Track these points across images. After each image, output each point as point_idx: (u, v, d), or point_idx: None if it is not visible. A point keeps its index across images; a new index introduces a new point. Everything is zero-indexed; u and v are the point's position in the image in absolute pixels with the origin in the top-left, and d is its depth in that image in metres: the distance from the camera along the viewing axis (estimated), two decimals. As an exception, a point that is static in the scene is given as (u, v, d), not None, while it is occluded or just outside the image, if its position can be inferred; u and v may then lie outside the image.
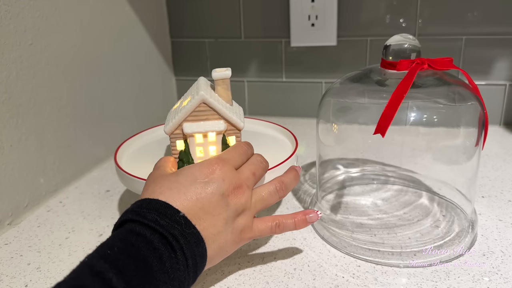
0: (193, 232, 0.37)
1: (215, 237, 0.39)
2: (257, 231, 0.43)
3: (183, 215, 0.37)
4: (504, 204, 0.58)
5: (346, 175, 0.65)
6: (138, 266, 0.32)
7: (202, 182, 0.39)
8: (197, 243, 0.37)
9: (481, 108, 0.49)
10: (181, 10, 0.94)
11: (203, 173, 0.40)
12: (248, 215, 0.42)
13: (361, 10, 0.85)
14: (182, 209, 0.37)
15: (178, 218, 0.36)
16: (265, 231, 0.44)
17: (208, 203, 0.39)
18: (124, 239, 0.34)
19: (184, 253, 0.35)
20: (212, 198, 0.39)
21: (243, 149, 0.46)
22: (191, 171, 0.40)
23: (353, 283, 0.44)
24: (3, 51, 0.54)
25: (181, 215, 0.37)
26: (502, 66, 0.82)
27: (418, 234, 0.51)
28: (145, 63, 0.89)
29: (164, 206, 0.37)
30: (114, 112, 0.79)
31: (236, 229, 0.41)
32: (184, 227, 0.36)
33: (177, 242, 0.35)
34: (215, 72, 0.49)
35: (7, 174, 0.56)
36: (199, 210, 0.38)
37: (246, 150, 0.47)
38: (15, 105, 0.57)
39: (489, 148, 0.76)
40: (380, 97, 0.49)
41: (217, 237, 0.39)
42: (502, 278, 0.43)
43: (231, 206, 0.40)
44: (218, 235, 0.39)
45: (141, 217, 0.35)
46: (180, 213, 0.37)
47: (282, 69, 0.93)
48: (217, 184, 0.40)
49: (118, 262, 0.31)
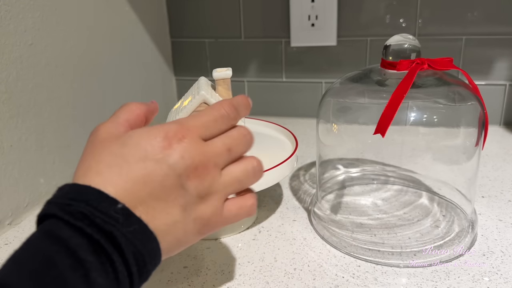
0: (136, 230, 0.28)
1: (170, 229, 0.31)
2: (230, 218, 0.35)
3: (121, 207, 0.28)
4: (504, 204, 0.58)
5: (346, 175, 0.65)
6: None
7: (153, 160, 0.30)
8: (144, 241, 0.28)
9: (481, 108, 0.49)
10: (181, 10, 0.94)
11: (155, 147, 0.30)
12: (215, 200, 0.33)
13: (361, 10, 0.85)
14: (123, 196, 0.28)
15: (114, 213, 0.27)
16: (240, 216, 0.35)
17: (160, 187, 0.30)
18: (38, 252, 0.26)
19: (126, 258, 0.27)
20: (165, 181, 0.30)
21: (221, 113, 0.34)
22: (142, 141, 0.31)
23: (353, 283, 0.44)
24: (3, 51, 0.54)
25: (119, 207, 0.28)
26: (502, 66, 0.82)
27: (418, 234, 0.51)
28: (145, 63, 0.89)
29: (98, 195, 0.28)
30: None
31: (200, 218, 0.33)
32: (124, 224, 0.27)
33: (113, 247, 0.27)
34: (216, 72, 0.49)
35: (7, 174, 0.56)
36: (148, 196, 0.29)
37: (225, 115, 0.35)
38: (15, 105, 0.57)
39: (489, 148, 0.76)
40: (380, 97, 0.49)
41: (172, 228, 0.31)
42: (502, 278, 0.43)
43: (191, 191, 0.31)
44: (174, 225, 0.31)
45: (66, 214, 0.27)
46: (118, 205, 0.28)
47: (282, 69, 0.93)
48: (173, 162, 0.30)
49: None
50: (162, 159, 0.30)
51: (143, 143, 0.31)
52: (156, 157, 0.30)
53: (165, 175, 0.30)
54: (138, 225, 0.28)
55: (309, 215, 0.57)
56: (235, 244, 0.52)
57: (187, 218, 0.32)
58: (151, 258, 0.29)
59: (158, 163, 0.30)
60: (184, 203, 0.31)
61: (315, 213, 0.56)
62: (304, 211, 0.58)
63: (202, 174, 0.32)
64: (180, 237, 0.32)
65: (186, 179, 0.31)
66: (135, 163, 0.30)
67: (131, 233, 0.28)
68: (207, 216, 0.33)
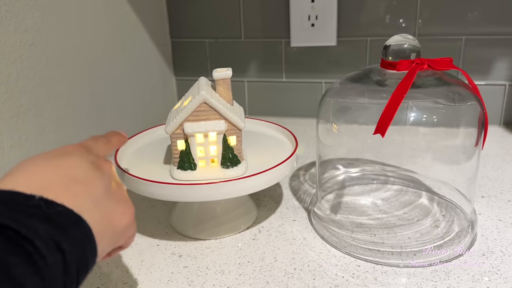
0: (61, 211, 0.28)
1: (95, 205, 0.31)
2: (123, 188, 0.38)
3: (40, 197, 0.27)
4: (504, 204, 0.58)
5: (346, 175, 0.65)
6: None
7: (61, 155, 0.32)
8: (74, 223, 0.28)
9: (481, 108, 0.49)
10: (181, 10, 0.94)
11: (61, 149, 0.34)
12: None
13: (361, 10, 0.85)
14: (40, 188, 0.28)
15: (35, 201, 0.27)
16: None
17: (75, 171, 0.31)
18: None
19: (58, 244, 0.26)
20: (79, 166, 0.32)
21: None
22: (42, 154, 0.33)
23: (353, 283, 0.44)
24: (4, 51, 0.54)
25: (37, 198, 0.27)
26: (502, 66, 0.83)
27: (418, 234, 0.51)
28: (145, 63, 0.89)
29: (11, 194, 0.27)
30: (114, 112, 0.79)
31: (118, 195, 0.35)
32: (48, 208, 0.27)
33: (36, 234, 0.25)
34: (216, 72, 0.49)
35: (7, 174, 0.56)
36: (64, 178, 0.30)
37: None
38: (15, 105, 0.57)
39: (489, 148, 0.76)
40: (380, 97, 0.49)
41: (97, 205, 0.31)
42: (502, 278, 0.44)
43: (107, 173, 0.34)
44: (97, 202, 0.31)
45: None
46: (35, 197, 0.27)
47: (282, 69, 0.93)
48: (81, 154, 0.34)
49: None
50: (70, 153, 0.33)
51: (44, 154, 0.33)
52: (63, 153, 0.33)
53: (77, 162, 0.32)
54: (61, 208, 0.28)
55: (309, 215, 0.57)
56: (235, 244, 0.52)
57: (110, 197, 0.33)
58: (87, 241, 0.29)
59: (67, 156, 0.33)
60: (103, 182, 0.33)
61: (315, 213, 0.56)
62: (304, 211, 0.58)
63: (107, 160, 0.36)
64: (106, 214, 0.32)
65: (99, 164, 0.34)
66: (45, 161, 0.31)
67: (56, 215, 0.27)
68: (124, 191, 0.36)
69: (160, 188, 0.48)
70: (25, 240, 0.25)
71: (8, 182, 0.29)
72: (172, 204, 0.60)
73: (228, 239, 0.53)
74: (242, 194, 0.50)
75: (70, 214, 0.28)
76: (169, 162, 0.55)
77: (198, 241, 0.53)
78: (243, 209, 0.56)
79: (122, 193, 0.36)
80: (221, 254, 0.50)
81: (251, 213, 0.57)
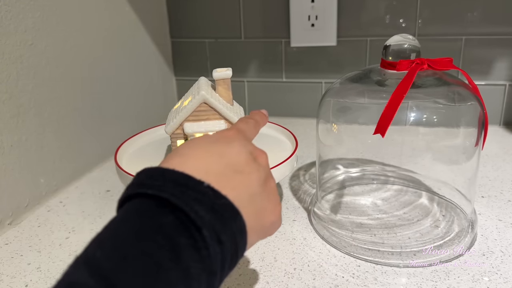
0: (225, 203, 0.28)
1: (251, 199, 0.31)
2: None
3: (208, 185, 0.28)
4: (504, 204, 0.58)
5: (346, 175, 0.65)
6: (136, 270, 0.23)
7: (223, 142, 0.33)
8: (232, 217, 0.28)
9: (481, 108, 0.49)
10: (181, 10, 0.94)
11: (221, 135, 0.34)
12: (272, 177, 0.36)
13: (361, 10, 0.85)
14: (206, 174, 0.29)
15: (203, 189, 0.28)
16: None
17: (236, 160, 0.32)
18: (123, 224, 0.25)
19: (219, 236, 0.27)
20: (240, 155, 0.32)
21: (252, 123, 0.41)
22: (204, 137, 0.34)
23: (353, 283, 0.44)
24: (4, 51, 0.54)
25: (205, 185, 0.28)
26: (502, 66, 0.83)
27: (418, 234, 0.51)
28: (145, 63, 0.89)
29: (183, 176, 0.28)
30: (114, 112, 0.79)
31: (271, 190, 0.34)
32: (214, 197, 0.28)
33: (203, 222, 0.26)
34: (216, 72, 0.49)
35: (7, 174, 0.56)
36: (225, 167, 0.31)
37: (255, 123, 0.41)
38: (15, 105, 0.57)
39: (489, 148, 0.76)
40: (380, 97, 0.49)
41: (252, 200, 0.31)
42: (502, 278, 0.44)
43: (264, 165, 0.34)
44: (253, 197, 0.31)
45: (154, 189, 0.27)
46: (204, 183, 0.28)
47: (282, 69, 0.93)
48: (241, 143, 0.34)
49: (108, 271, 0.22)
50: (231, 140, 0.33)
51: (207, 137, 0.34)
52: (225, 140, 0.33)
53: (238, 151, 0.32)
54: (225, 200, 0.28)
55: (309, 215, 0.57)
56: (235, 244, 0.52)
57: (263, 192, 0.33)
58: (240, 236, 0.29)
59: (229, 143, 0.33)
60: (259, 176, 0.32)
61: (315, 213, 0.56)
62: (304, 211, 0.58)
63: (263, 153, 0.35)
64: (259, 209, 0.32)
65: (256, 155, 0.34)
66: (209, 145, 0.32)
67: (221, 206, 0.28)
68: (274, 187, 0.35)
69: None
70: (193, 225, 0.26)
71: (178, 162, 0.29)
72: (172, 204, 0.60)
73: (228, 239, 0.53)
74: (242, 194, 0.49)
75: (231, 207, 0.28)
76: (169, 162, 0.55)
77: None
78: (243, 209, 0.56)
79: (273, 189, 0.35)
80: (221, 254, 0.50)
81: (251, 213, 0.57)
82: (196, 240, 0.25)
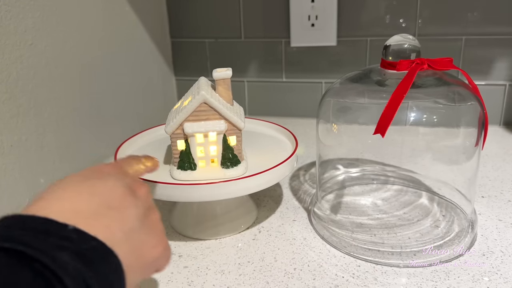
0: (93, 246, 0.26)
1: (127, 236, 0.29)
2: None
3: (73, 228, 0.26)
4: (504, 204, 0.58)
5: (346, 175, 0.65)
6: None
7: (95, 178, 0.31)
8: (103, 258, 0.26)
9: (481, 108, 0.49)
10: (181, 10, 0.94)
11: (95, 170, 0.33)
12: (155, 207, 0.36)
13: (361, 10, 0.85)
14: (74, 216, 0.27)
15: (67, 233, 0.25)
16: None
17: (109, 196, 0.30)
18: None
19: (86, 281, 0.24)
20: (114, 190, 0.31)
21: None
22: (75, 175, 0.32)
23: (353, 283, 0.44)
24: (4, 51, 0.54)
25: (70, 228, 0.26)
26: (502, 66, 0.82)
27: (418, 234, 0.51)
28: (145, 63, 0.89)
29: (44, 221, 0.25)
30: (114, 112, 0.79)
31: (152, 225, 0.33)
32: (79, 241, 0.25)
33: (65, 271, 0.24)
34: (216, 72, 0.49)
35: (7, 174, 0.56)
36: (98, 206, 0.29)
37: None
38: (15, 105, 0.57)
39: (489, 148, 0.76)
40: (380, 97, 0.49)
41: (129, 236, 0.29)
42: (502, 278, 0.44)
43: (142, 200, 0.33)
44: (130, 233, 0.30)
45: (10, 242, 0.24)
46: (68, 227, 0.26)
47: (282, 69, 0.93)
48: (117, 177, 0.32)
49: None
50: (106, 176, 0.32)
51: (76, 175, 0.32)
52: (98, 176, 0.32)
53: (113, 185, 0.31)
54: (95, 242, 0.26)
55: (309, 215, 0.57)
56: (235, 244, 0.52)
57: (143, 227, 0.31)
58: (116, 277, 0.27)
59: (103, 179, 0.31)
60: (137, 211, 0.31)
61: (315, 213, 0.56)
62: (304, 211, 0.58)
63: (142, 184, 0.34)
64: (138, 246, 0.31)
65: (135, 188, 0.33)
66: (80, 183, 0.30)
67: (89, 251, 0.25)
68: (157, 220, 0.34)
69: (160, 188, 0.48)
70: (54, 275, 0.23)
71: (40, 207, 0.27)
72: (172, 204, 0.60)
73: (228, 239, 0.53)
74: (242, 194, 0.50)
75: (102, 248, 0.27)
76: (169, 162, 0.55)
77: (198, 241, 0.53)
78: (243, 209, 0.56)
79: (155, 222, 0.34)
80: (221, 254, 0.50)
81: (251, 213, 0.57)
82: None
